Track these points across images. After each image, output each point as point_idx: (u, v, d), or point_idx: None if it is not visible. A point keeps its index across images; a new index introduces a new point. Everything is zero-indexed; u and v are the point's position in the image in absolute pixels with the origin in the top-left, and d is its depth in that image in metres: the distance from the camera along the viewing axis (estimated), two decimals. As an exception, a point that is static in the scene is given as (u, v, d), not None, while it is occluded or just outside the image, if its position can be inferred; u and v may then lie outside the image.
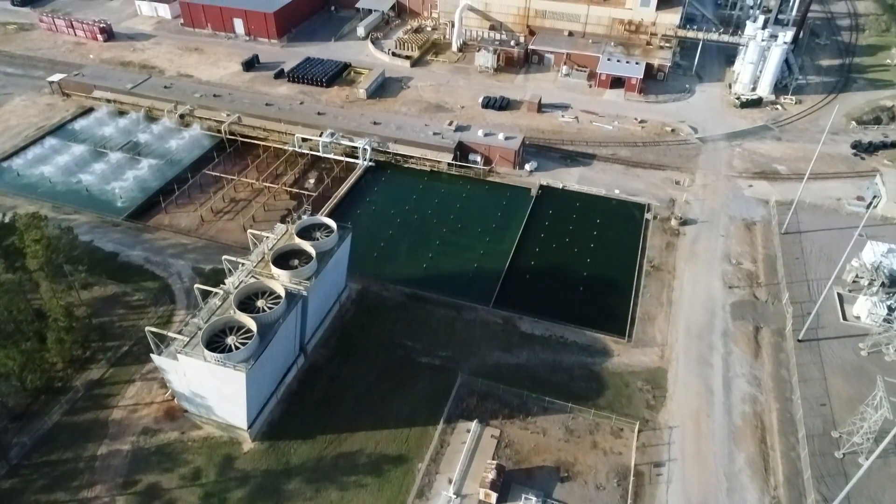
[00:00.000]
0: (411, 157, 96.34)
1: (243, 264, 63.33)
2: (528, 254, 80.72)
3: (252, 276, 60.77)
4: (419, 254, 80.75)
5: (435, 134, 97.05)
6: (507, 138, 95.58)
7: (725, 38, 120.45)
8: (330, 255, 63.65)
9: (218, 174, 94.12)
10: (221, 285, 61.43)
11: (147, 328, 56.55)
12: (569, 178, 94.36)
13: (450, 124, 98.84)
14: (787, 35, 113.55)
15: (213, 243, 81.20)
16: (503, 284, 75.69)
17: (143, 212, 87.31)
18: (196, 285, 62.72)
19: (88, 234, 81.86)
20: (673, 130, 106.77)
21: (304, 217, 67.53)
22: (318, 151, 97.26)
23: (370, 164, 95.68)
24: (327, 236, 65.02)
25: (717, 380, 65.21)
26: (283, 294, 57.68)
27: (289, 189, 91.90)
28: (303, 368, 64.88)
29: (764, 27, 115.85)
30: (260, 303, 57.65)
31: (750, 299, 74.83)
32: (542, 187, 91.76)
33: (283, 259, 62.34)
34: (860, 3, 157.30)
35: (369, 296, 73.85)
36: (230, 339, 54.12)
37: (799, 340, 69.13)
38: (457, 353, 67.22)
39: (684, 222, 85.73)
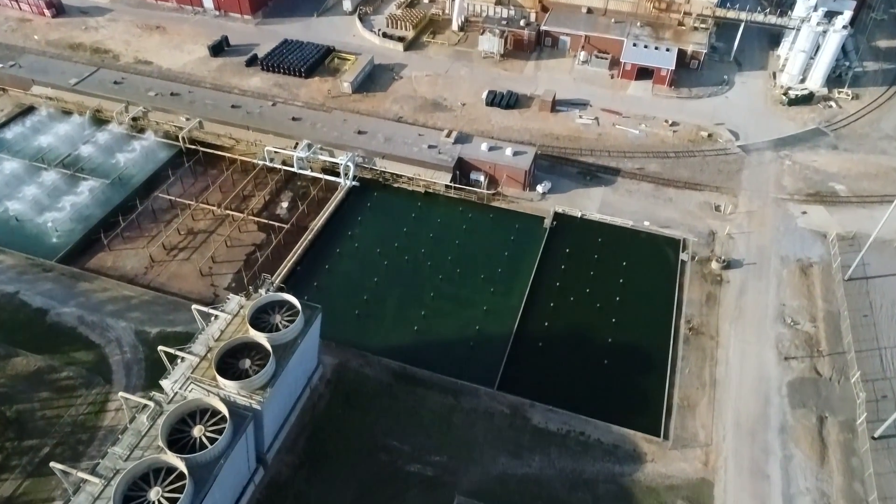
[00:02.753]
0: (403, 175, 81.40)
1: (183, 359, 50.11)
2: (541, 311, 66.95)
3: (192, 383, 47.48)
4: (409, 311, 67.04)
5: (430, 148, 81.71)
6: (515, 154, 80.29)
7: (772, 19, 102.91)
8: (293, 348, 50.15)
9: (174, 198, 79.55)
10: (153, 395, 48.29)
11: (52, 464, 43.77)
12: (588, 203, 79.61)
13: (448, 135, 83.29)
14: (845, 15, 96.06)
15: (161, 297, 67.43)
16: (510, 356, 62.26)
17: (83, 249, 73.17)
18: (160, 347, 50.88)
19: (14, 284, 68.18)
20: (710, 136, 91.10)
21: (262, 292, 53.61)
22: (293, 167, 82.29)
23: (354, 184, 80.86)
24: (290, 320, 51.30)
25: (776, 499, 52.62)
26: (227, 416, 44.46)
27: (256, 219, 77.46)
28: (262, 485, 52.34)
29: (816, 7, 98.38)
30: (197, 431, 44.37)
31: (811, 376, 61.51)
32: (556, 216, 77.13)
33: (234, 355, 48.92)
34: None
35: (348, 374, 60.61)
36: (154, 495, 41.13)
37: (874, 438, 56.29)
38: (454, 460, 54.50)
39: (727, 265, 71.55)
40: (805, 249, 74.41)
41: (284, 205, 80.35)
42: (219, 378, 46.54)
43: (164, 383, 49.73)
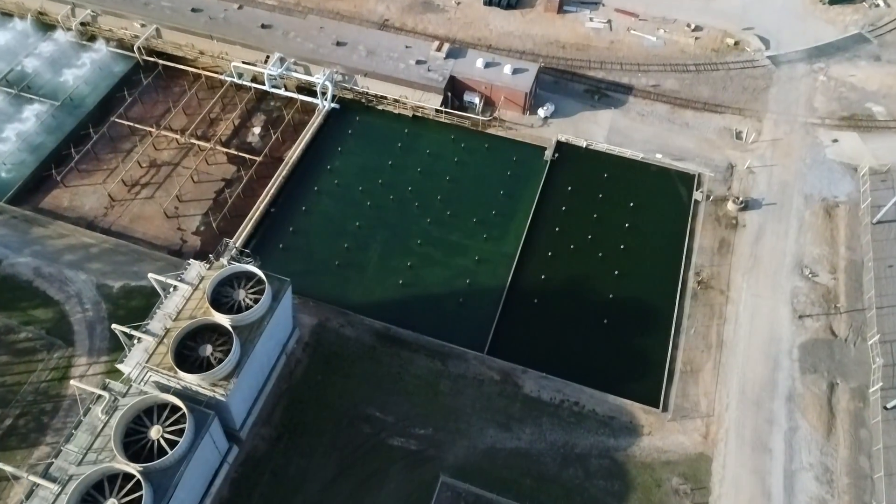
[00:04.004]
0: (388, 97, 72.35)
1: (139, 341, 45.57)
2: (538, 262, 61.35)
3: (149, 371, 43.16)
4: (394, 261, 61.50)
5: (419, 64, 71.89)
6: (515, 72, 70.63)
7: None
8: (260, 329, 45.31)
9: (132, 124, 71.22)
10: (108, 383, 44.11)
11: (2, 466, 40.64)
12: (595, 129, 71.28)
13: (439, 48, 73.07)
14: None
15: (124, 244, 61.61)
16: (503, 315, 57.56)
17: (35, 186, 66.30)
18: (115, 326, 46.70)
19: (-39, 229, 62.43)
20: (736, 44, 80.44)
21: (224, 261, 47.82)
22: (264, 84, 73.09)
23: (333, 106, 72.07)
24: (256, 296, 46.01)
25: (777, 475, 50.15)
26: (187, 414, 40.51)
27: (226, 150, 69.62)
28: (237, 462, 49.76)
29: None
30: (155, 432, 40.50)
31: (825, 336, 57.18)
32: (559, 146, 69.23)
33: (194, 338, 44.20)
34: None
35: (327, 336, 56.29)
36: (110, 506, 38.16)
37: (886, 408, 52.99)
38: (440, 432, 51.55)
39: (745, 205, 64.86)
40: (832, 186, 67.29)
41: (256, 131, 72.20)
42: (177, 370, 42.15)
43: (122, 367, 45.55)
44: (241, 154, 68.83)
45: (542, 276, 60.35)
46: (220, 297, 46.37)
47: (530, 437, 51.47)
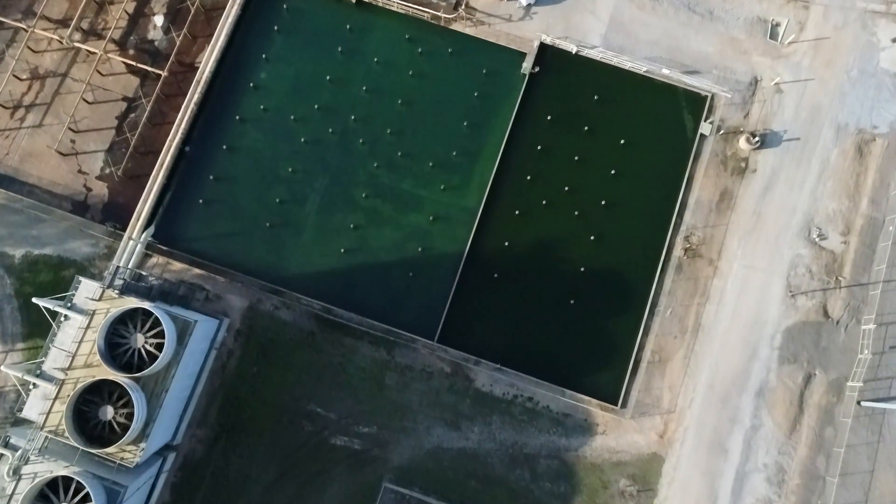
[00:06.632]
0: (321, -24, 54.99)
1: (36, 385, 40.54)
2: (503, 222, 52.38)
3: (47, 438, 39.01)
4: (336, 219, 52.61)
5: (360, -73, 53.08)
6: (490, -58, 52.41)
7: None
8: (168, 376, 39.86)
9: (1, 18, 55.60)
10: (8, 439, 40.18)
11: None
12: (591, 23, 55.49)
13: None
14: None
15: (17, 198, 52.19)
16: (458, 292, 50.96)
17: None
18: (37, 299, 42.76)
19: None
20: None
21: (114, 293, 40.11)
22: (160, -49, 55.24)
23: (253, -13, 55.30)
24: (156, 340, 39.53)
25: (729, 476, 49.11)
26: (91, 494, 37.48)
27: (123, 59, 54.86)
28: (175, 467, 48.40)
29: None
30: (64, 509, 37.96)
31: (815, 319, 51.39)
32: (542, 51, 54.51)
33: (95, 392, 39.14)
34: None
35: (261, 321, 50.61)
36: (28, 591, 37.38)
37: (859, 403, 49.80)
38: (385, 430, 49.29)
39: (761, 142, 53.36)
40: (875, 111, 54.54)
41: (158, 21, 56.42)
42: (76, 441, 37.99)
43: (25, 415, 41.23)
44: (142, 66, 54.62)
45: (506, 243, 52.19)
46: (117, 339, 40.05)
47: (479, 437, 49.43)
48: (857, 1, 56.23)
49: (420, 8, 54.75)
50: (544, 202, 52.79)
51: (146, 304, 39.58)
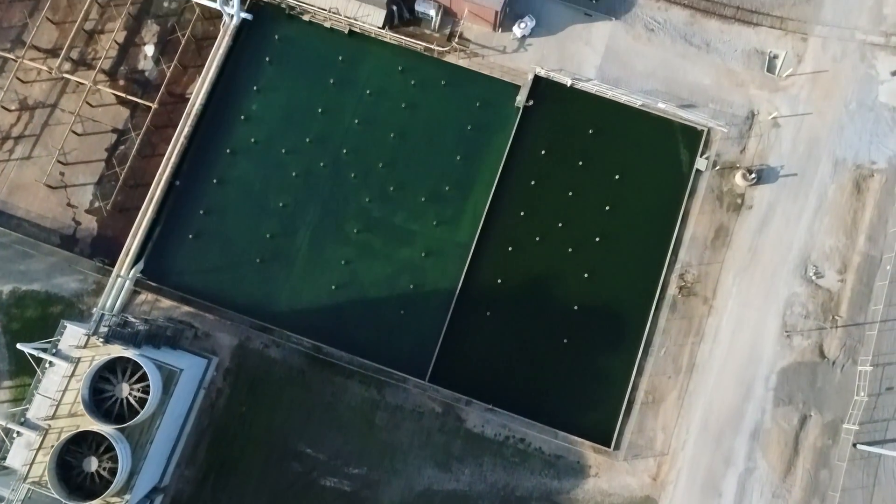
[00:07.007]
0: (313, 8, 54.15)
1: (20, 434, 40.02)
2: (496, 258, 51.75)
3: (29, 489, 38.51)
4: (327, 254, 52.03)
5: (352, -42, 52.36)
6: (484, -26, 51.61)
7: None
8: (152, 427, 39.34)
9: (-14, 46, 54.91)
10: (-9, 489, 39.79)
11: None
12: (587, 54, 54.78)
13: (380, -69, 52.42)
14: None
15: (6, 233, 51.56)
16: (449, 330, 50.34)
17: None
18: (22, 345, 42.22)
19: None
20: None
21: (99, 341, 39.58)
22: (150, -20, 54.55)
23: (244, 16, 54.48)
24: (142, 392, 39.00)
25: (721, 520, 48.70)
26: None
27: (113, 89, 54.11)
28: (163, 508, 48.03)
29: None
30: (47, 562, 37.62)
31: (811, 359, 50.76)
32: (536, 83, 53.79)
33: (78, 443, 38.65)
34: None
35: (250, 359, 50.08)
36: None
37: (854, 446, 49.23)
38: (375, 471, 48.77)
39: (758, 178, 52.68)
40: (873, 146, 53.85)
41: (149, 51, 55.82)
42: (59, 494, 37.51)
43: (8, 464, 40.75)
44: (132, 98, 53.87)
45: (499, 280, 51.60)
46: (102, 387, 39.52)
47: (470, 478, 48.90)
48: (856, 33, 55.53)
49: (413, 40, 54.08)
50: (538, 238, 52.19)
51: (131, 353, 39.01)
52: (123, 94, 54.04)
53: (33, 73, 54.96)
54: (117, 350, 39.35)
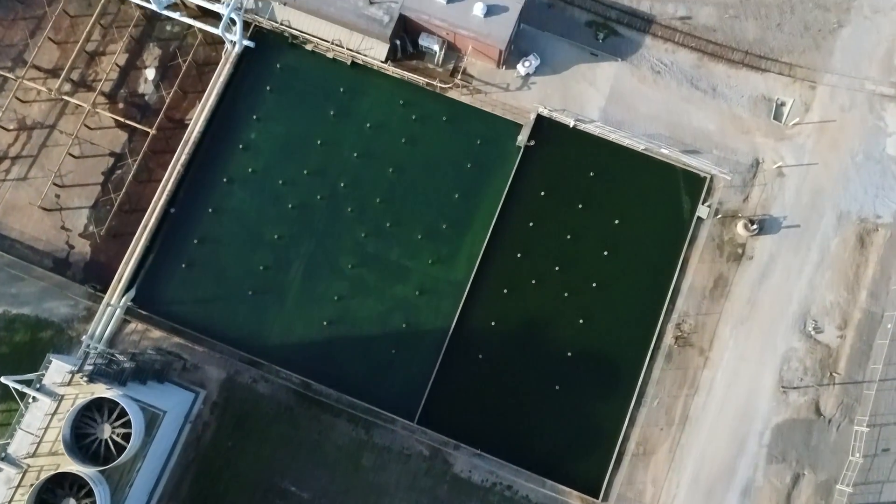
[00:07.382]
0: (315, 38, 53.67)
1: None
2: (490, 301, 51.12)
3: (10, 523, 38.21)
4: (321, 289, 51.49)
5: (358, -9, 51.76)
6: (489, 12, 50.74)
7: None
8: (133, 469, 38.88)
9: (-14, 65, 54.64)
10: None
11: None
12: (591, 95, 54.11)
13: (386, -34, 51.82)
14: None
15: (-3, 255, 51.59)
16: (440, 373, 49.74)
17: None
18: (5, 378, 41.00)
19: None
20: (816, -55, 56.92)
21: (83, 380, 39.10)
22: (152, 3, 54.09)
23: (247, 44, 54.02)
24: (124, 430, 38.55)
25: (708, 579, 47.92)
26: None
27: (112, 115, 53.67)
28: (145, 542, 47.52)
29: None
30: None
31: (806, 416, 49.94)
32: (539, 122, 53.14)
33: (59, 483, 38.23)
34: None
35: (238, 393, 49.59)
36: None
37: (849, 508, 48.42)
38: (359, 513, 48.36)
39: (760, 228, 51.91)
40: (879, 199, 53.03)
41: (150, 75, 55.43)
42: (36, 537, 37.10)
43: (-12, 497, 40.40)
44: (130, 122, 53.47)
45: (493, 322, 50.97)
46: (85, 424, 39.07)
47: (455, 524, 48.36)
48: (866, 83, 54.69)
49: (416, 74, 53.50)
50: (534, 281, 51.51)
51: (114, 394, 38.55)
52: (122, 119, 53.66)
53: (33, 93, 54.63)
54: (101, 389, 38.89)
